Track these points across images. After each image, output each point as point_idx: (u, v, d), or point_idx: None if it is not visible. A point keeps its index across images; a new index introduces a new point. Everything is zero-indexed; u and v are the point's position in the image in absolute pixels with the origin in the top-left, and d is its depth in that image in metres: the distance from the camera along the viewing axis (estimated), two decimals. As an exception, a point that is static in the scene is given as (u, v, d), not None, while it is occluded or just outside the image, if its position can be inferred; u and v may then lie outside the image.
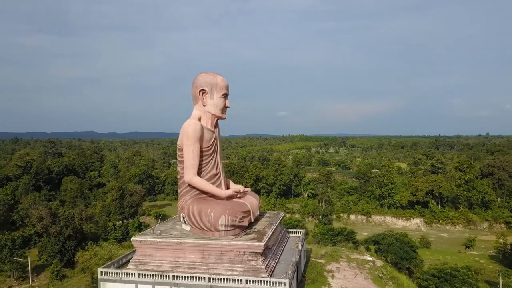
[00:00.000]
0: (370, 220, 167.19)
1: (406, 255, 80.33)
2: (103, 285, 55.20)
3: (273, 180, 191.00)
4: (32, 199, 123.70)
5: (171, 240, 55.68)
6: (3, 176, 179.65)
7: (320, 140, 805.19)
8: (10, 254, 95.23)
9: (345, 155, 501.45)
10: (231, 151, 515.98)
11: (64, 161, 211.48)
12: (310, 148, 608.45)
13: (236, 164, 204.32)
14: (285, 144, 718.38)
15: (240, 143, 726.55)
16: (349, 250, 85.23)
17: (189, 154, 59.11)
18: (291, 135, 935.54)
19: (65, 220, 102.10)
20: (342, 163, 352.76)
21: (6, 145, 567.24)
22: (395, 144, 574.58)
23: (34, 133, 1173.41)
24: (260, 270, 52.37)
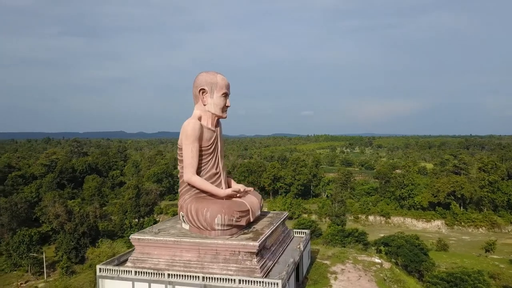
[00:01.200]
0: (389, 222, 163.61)
1: (416, 258, 78.03)
2: (102, 282, 56.18)
3: (291, 180, 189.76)
4: (52, 196, 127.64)
5: (168, 238, 56.12)
6: (29, 174, 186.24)
7: (345, 140, 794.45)
8: (27, 250, 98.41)
9: (370, 155, 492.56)
10: (254, 150, 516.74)
11: (87, 160, 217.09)
12: (335, 148, 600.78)
13: (254, 164, 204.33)
14: (310, 144, 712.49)
15: (264, 143, 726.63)
16: (358, 251, 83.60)
17: (188, 153, 59.42)
18: (316, 135, 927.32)
19: (80, 217, 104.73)
20: (365, 163, 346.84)
21: (39, 144, 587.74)
22: (422, 144, 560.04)
23: (67, 133, 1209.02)
24: (254, 270, 52.04)
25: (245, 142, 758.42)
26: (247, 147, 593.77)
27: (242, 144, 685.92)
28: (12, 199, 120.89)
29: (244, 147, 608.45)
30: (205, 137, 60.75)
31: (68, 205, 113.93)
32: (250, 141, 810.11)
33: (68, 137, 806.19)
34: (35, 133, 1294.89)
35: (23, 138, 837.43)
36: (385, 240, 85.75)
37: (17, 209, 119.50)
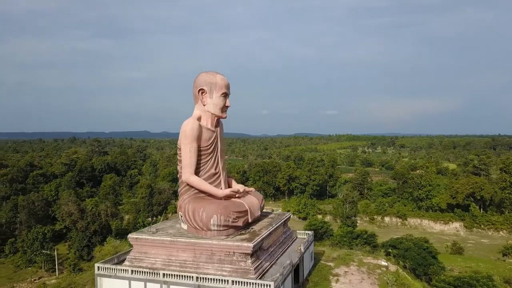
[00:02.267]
0: (406, 223, 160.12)
1: (424, 261, 75.94)
2: (100, 280, 57.00)
3: (306, 180, 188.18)
4: (68, 195, 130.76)
5: (164, 238, 56.44)
6: (50, 173, 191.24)
7: (368, 139, 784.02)
8: (41, 247, 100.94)
9: (392, 155, 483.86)
10: (274, 150, 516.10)
11: (106, 159, 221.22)
12: (356, 147, 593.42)
13: (268, 164, 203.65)
14: (331, 144, 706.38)
15: (285, 142, 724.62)
16: (364, 253, 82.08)
17: (187, 153, 59.62)
18: (338, 135, 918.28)
19: (92, 216, 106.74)
20: (386, 164, 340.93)
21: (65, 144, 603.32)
22: (446, 143, 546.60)
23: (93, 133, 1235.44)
24: (248, 272, 51.73)
25: (266, 142, 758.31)
26: (267, 147, 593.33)
27: (262, 143, 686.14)
28: (29, 197, 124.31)
29: (264, 146, 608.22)
30: (204, 137, 60.77)
31: (80, 204, 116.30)
32: (270, 140, 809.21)
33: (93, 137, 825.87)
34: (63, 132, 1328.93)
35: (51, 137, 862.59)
36: (393, 243, 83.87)
37: (35, 207, 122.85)
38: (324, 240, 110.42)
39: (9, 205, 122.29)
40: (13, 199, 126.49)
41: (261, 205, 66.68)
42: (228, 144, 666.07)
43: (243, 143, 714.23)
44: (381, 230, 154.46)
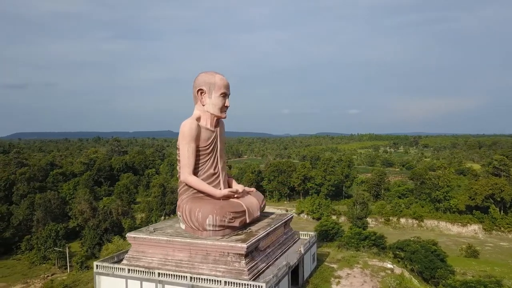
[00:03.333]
0: (422, 225, 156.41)
1: (431, 264, 73.95)
2: (98, 278, 57.87)
3: (321, 181, 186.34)
4: (83, 194, 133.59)
5: (161, 238, 56.87)
6: (70, 172, 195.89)
7: (390, 139, 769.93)
8: (54, 244, 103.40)
9: (414, 155, 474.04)
10: (293, 150, 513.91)
11: (124, 159, 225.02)
12: (378, 147, 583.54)
13: (283, 164, 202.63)
14: (353, 143, 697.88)
15: (305, 142, 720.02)
16: (370, 255, 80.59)
17: (185, 153, 59.94)
18: (359, 134, 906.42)
19: (103, 214, 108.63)
20: (407, 164, 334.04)
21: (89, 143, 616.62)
22: (471, 143, 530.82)
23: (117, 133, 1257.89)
24: (242, 272, 51.55)
25: (286, 141, 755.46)
26: (287, 146, 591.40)
27: (282, 143, 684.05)
28: (46, 195, 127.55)
29: (284, 146, 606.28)
30: (203, 137, 60.87)
31: (93, 202, 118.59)
32: (291, 140, 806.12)
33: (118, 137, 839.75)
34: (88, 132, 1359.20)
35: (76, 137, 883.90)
36: (400, 245, 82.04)
37: (51, 205, 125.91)
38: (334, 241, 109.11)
39: (26, 203, 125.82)
40: (30, 197, 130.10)
41: (261, 206, 66.29)
42: (248, 144, 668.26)
43: (263, 143, 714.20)
44: (396, 231, 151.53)
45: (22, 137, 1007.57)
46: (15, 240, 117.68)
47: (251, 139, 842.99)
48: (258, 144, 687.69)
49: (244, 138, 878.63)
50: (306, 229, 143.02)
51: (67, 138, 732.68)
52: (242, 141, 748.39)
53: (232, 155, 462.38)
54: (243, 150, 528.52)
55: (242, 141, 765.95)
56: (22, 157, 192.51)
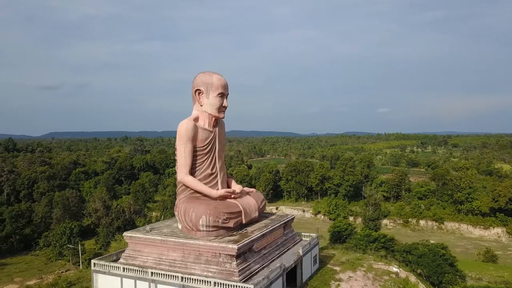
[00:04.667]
0: (442, 227, 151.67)
1: (439, 269, 71.50)
2: (95, 276, 58.84)
3: (339, 181, 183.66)
4: (100, 192, 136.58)
5: (156, 237, 57.23)
6: (92, 170, 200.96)
7: (418, 138, 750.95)
8: (68, 242, 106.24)
9: (442, 155, 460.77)
10: (317, 149, 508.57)
11: (146, 158, 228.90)
12: (405, 147, 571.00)
13: (301, 163, 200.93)
14: (379, 143, 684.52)
15: (330, 141, 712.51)
16: (377, 258, 78.66)
17: (181, 153, 60.17)
18: (386, 133, 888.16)
19: (116, 212, 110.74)
20: (432, 164, 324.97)
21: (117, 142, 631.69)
22: (503, 143, 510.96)
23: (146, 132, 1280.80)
24: (233, 273, 51.21)
25: (311, 141, 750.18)
26: (311, 146, 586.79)
27: (307, 142, 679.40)
28: (64, 193, 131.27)
29: (309, 145, 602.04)
30: (200, 138, 60.87)
31: (106, 201, 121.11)
32: (316, 139, 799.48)
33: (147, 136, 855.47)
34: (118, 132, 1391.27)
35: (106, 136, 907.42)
36: (407, 248, 79.74)
37: (69, 203, 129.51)
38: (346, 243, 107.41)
39: (45, 200, 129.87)
40: (48, 195, 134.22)
41: (260, 206, 65.66)
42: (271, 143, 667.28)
43: (287, 142, 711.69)
44: (414, 233, 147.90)
45: (56, 137, 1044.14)
46: (34, 237, 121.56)
47: (275, 139, 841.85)
48: (282, 143, 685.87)
49: (268, 137, 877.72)
50: (321, 230, 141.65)
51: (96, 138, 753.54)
52: (266, 141, 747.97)
53: (254, 154, 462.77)
54: (266, 149, 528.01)
55: (266, 140, 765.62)
56: (46, 156, 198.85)
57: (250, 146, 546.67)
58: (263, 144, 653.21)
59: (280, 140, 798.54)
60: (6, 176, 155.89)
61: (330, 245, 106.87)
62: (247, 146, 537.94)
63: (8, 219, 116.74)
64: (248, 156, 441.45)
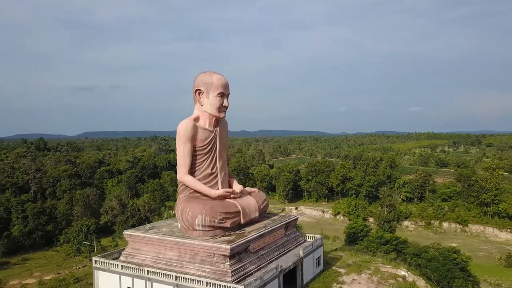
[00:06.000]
0: (466, 230, 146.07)
1: (449, 274, 68.82)
2: (96, 273, 60.14)
3: (360, 181, 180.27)
4: (119, 190, 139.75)
5: (153, 236, 57.90)
6: (116, 169, 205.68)
7: (450, 138, 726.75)
8: (85, 238, 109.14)
9: (474, 155, 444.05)
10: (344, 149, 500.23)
11: (169, 157, 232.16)
12: (436, 146, 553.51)
13: (321, 163, 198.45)
14: (409, 143, 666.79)
15: (359, 141, 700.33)
16: (386, 261, 76.66)
17: (180, 153, 60.66)
18: (417, 133, 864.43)
19: (131, 210, 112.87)
20: (462, 164, 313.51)
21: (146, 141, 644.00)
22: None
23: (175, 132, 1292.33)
24: (226, 274, 51.15)
25: (338, 140, 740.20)
26: (338, 145, 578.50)
27: (334, 142, 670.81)
28: (85, 191, 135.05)
29: (336, 145, 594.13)
30: (200, 137, 61.05)
31: (122, 199, 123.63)
32: (344, 139, 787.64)
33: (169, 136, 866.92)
34: (149, 131, 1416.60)
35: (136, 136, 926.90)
36: (417, 251, 77.22)
37: (89, 201, 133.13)
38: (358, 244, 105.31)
39: (66, 198, 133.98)
40: (69, 193, 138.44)
41: (261, 207, 65.22)
42: (298, 143, 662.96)
43: (314, 142, 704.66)
44: (436, 236, 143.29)
45: (90, 136, 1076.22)
46: (56, 233, 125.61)
47: (302, 138, 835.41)
48: (308, 143, 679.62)
49: (295, 137, 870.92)
50: (339, 231, 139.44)
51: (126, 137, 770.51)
52: (293, 140, 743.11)
53: (279, 154, 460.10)
54: (292, 149, 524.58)
55: (293, 140, 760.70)
56: (72, 155, 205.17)
57: (275, 145, 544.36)
58: (289, 143, 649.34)
59: (307, 139, 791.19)
60: (33, 174, 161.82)
61: (344, 247, 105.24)
62: (273, 146, 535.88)
63: (31, 216, 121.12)
64: (273, 155, 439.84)
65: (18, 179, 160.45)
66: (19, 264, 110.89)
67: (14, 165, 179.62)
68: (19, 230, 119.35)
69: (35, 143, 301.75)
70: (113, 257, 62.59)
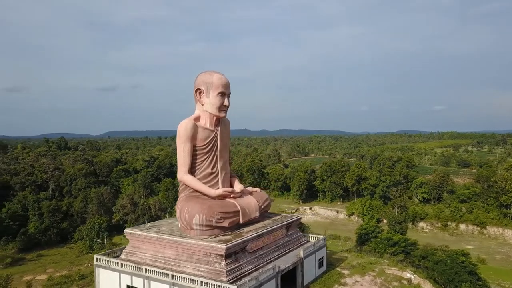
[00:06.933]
0: (484, 232, 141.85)
1: (456, 277, 66.91)
2: (97, 270, 61.03)
3: (376, 181, 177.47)
4: (133, 189, 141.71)
5: (152, 235, 58.36)
6: (132, 168, 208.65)
7: (474, 137, 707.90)
8: (97, 236, 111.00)
9: (498, 155, 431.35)
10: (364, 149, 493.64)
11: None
12: (459, 146, 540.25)
13: (336, 163, 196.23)
14: (431, 142, 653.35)
15: (379, 140, 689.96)
16: (392, 263, 75.24)
17: (180, 152, 60.97)
18: (440, 132, 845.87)
19: (142, 209, 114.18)
20: (485, 165, 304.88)
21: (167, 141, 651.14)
22: None
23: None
24: (221, 273, 51.12)
25: (359, 140, 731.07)
26: (358, 145, 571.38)
27: (354, 141, 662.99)
28: (99, 190, 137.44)
29: (356, 144, 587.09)
30: (200, 137, 61.17)
31: (134, 198, 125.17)
32: (365, 138, 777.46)
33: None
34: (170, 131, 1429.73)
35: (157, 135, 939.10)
36: (424, 253, 75.37)
37: (103, 199, 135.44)
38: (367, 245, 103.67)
39: (81, 196, 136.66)
40: (83, 191, 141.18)
41: (262, 206, 64.88)
42: (317, 142, 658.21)
43: (334, 141, 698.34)
44: (452, 238, 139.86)
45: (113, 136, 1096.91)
46: (70, 230, 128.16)
47: (322, 138, 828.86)
48: (328, 142, 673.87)
49: (315, 136, 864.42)
50: (352, 231, 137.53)
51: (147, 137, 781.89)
52: (313, 140, 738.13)
53: (298, 153, 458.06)
54: (310, 148, 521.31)
55: (312, 139, 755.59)
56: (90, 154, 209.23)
57: (294, 145, 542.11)
58: (308, 143, 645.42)
59: (326, 139, 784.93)
60: (51, 173, 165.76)
61: (351, 248, 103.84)
62: (291, 145, 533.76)
63: (46, 213, 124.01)
64: (291, 155, 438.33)
65: (37, 177, 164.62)
66: (34, 261, 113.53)
67: (34, 163, 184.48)
68: (35, 227, 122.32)
69: (57, 142, 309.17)
70: (115, 255, 63.47)
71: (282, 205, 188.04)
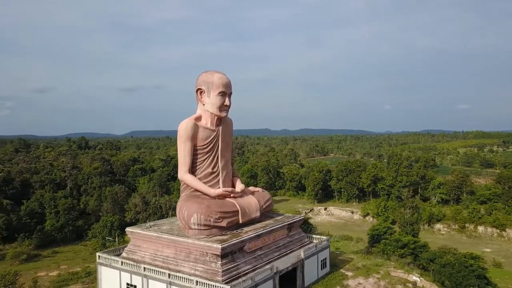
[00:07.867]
0: (503, 235, 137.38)
1: (464, 281, 65.00)
2: (99, 268, 61.96)
3: (392, 182, 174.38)
4: (147, 188, 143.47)
5: (152, 234, 58.83)
6: (149, 167, 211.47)
7: (500, 136, 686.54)
8: (109, 234, 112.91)
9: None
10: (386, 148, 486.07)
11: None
12: (483, 146, 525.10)
13: (352, 163, 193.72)
14: (454, 142, 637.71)
15: (401, 140, 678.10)
16: (398, 265, 73.67)
17: (181, 152, 61.34)
18: (464, 131, 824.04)
19: (153, 208, 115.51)
20: (509, 165, 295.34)
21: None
22: None
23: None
24: (217, 273, 51.08)
25: (380, 139, 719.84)
26: (379, 145, 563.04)
27: (376, 141, 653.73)
28: (113, 189, 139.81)
29: (377, 144, 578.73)
30: (201, 137, 61.33)
31: (146, 197, 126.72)
32: (387, 138, 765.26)
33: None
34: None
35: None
36: (431, 256, 73.49)
37: (117, 198, 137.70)
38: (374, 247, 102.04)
39: (96, 195, 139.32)
40: (98, 190, 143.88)
41: (263, 206, 64.44)
42: (337, 141, 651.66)
43: (355, 141, 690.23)
44: (470, 240, 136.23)
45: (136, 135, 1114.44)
46: (85, 228, 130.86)
47: (342, 137, 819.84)
48: (349, 142, 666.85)
49: (335, 136, 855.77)
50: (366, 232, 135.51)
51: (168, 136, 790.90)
52: (333, 139, 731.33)
53: (316, 153, 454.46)
54: (330, 148, 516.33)
55: (332, 139, 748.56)
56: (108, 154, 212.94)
57: (313, 144, 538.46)
58: (328, 142, 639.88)
59: (347, 138, 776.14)
60: (69, 171, 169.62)
61: (359, 249, 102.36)
62: (310, 145, 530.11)
63: (62, 211, 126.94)
64: (309, 154, 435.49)
65: (56, 176, 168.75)
66: (49, 257, 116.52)
67: (54, 162, 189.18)
68: (51, 225, 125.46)
69: (77, 141, 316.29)
70: (117, 253, 64.31)
71: (297, 205, 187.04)
